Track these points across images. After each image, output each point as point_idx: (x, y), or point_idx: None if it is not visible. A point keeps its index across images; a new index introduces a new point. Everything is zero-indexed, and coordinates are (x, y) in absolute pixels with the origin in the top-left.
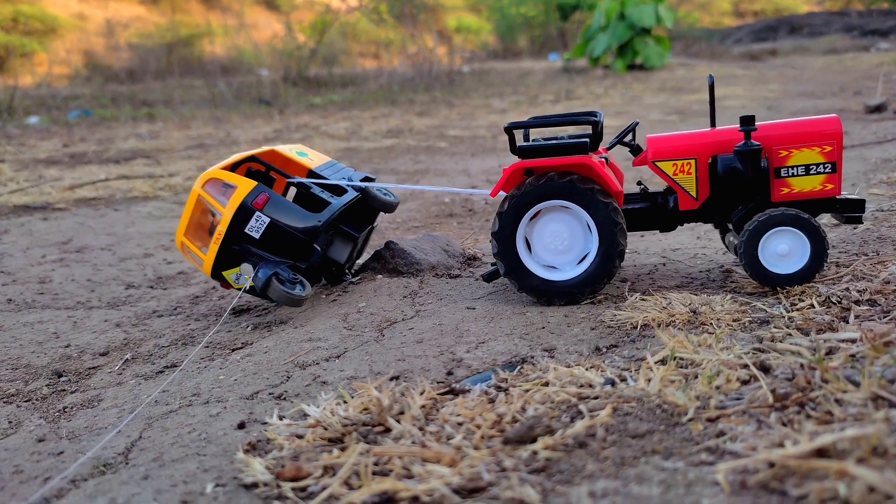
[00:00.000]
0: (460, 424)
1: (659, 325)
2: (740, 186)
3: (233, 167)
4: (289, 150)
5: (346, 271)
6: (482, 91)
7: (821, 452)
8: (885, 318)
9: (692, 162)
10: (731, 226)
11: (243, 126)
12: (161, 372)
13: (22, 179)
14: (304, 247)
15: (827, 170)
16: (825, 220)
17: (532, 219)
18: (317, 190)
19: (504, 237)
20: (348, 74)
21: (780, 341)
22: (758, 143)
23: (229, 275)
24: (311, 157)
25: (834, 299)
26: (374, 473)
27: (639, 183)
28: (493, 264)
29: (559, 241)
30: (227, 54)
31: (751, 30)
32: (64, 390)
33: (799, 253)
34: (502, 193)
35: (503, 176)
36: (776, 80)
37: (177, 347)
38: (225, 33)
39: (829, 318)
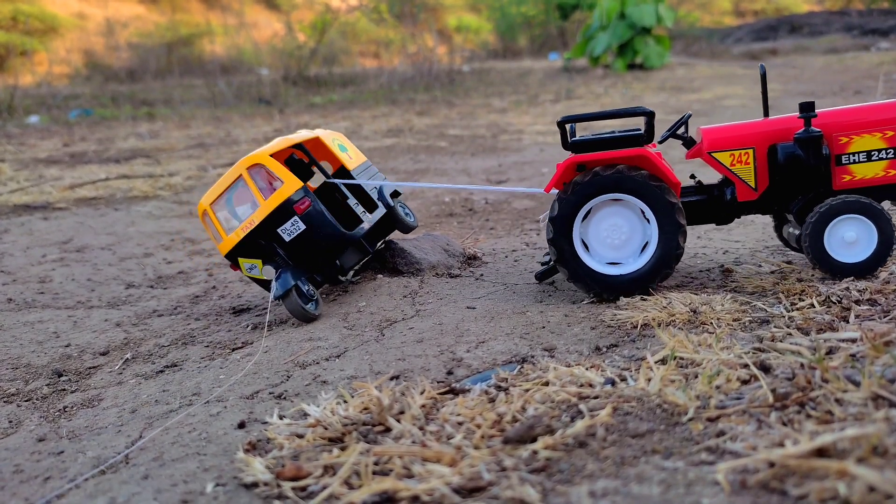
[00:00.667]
0: (460, 424)
1: (659, 325)
2: (801, 175)
3: (280, 152)
4: (332, 140)
5: (349, 273)
6: (482, 90)
7: (821, 452)
8: (885, 317)
9: (750, 151)
10: (790, 217)
11: (243, 125)
12: (161, 371)
13: (22, 179)
14: (328, 261)
15: (889, 155)
16: None
17: (588, 214)
18: (353, 202)
19: (560, 234)
20: (348, 74)
21: (781, 341)
22: (818, 130)
23: (244, 262)
24: (350, 155)
25: (834, 299)
26: (375, 473)
27: (692, 176)
28: (542, 263)
29: (617, 236)
30: (227, 54)
31: (751, 29)
32: (64, 390)
33: (865, 241)
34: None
35: (557, 171)
36: (777, 80)
37: (177, 347)
38: (225, 33)
39: (829, 318)
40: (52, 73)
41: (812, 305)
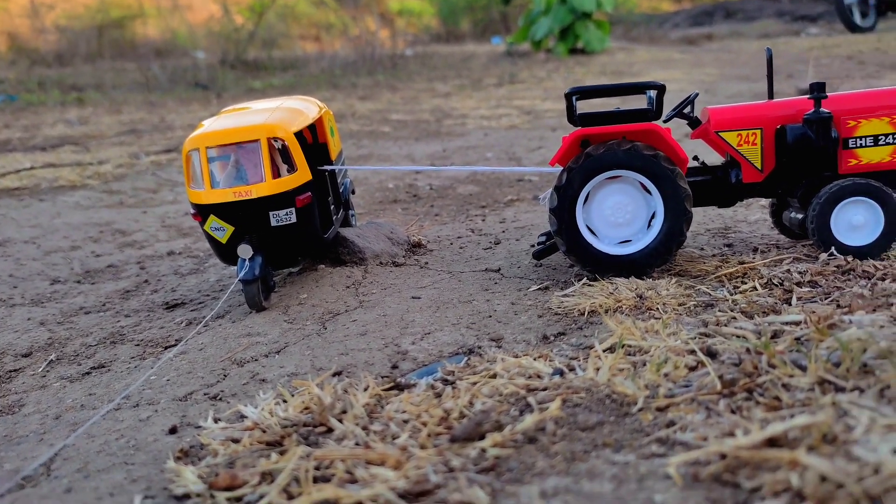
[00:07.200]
0: (406, 422)
1: (606, 311)
2: (809, 157)
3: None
4: (328, 121)
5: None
6: (425, 75)
7: (772, 442)
8: (826, 299)
9: (758, 132)
10: (793, 201)
11: (178, 111)
12: (88, 373)
13: None
14: (294, 259)
15: None
16: None
17: (592, 190)
18: (332, 200)
19: (563, 212)
20: (288, 58)
21: (726, 325)
22: (828, 112)
23: (214, 221)
24: (336, 141)
25: (776, 281)
26: (315, 479)
27: (695, 157)
28: (539, 243)
29: (622, 214)
30: (161, 36)
31: (688, 15)
32: None
33: (872, 225)
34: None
35: (562, 145)
36: (713, 64)
37: (105, 346)
38: (158, 14)
39: (772, 301)
40: None
41: (755, 288)
